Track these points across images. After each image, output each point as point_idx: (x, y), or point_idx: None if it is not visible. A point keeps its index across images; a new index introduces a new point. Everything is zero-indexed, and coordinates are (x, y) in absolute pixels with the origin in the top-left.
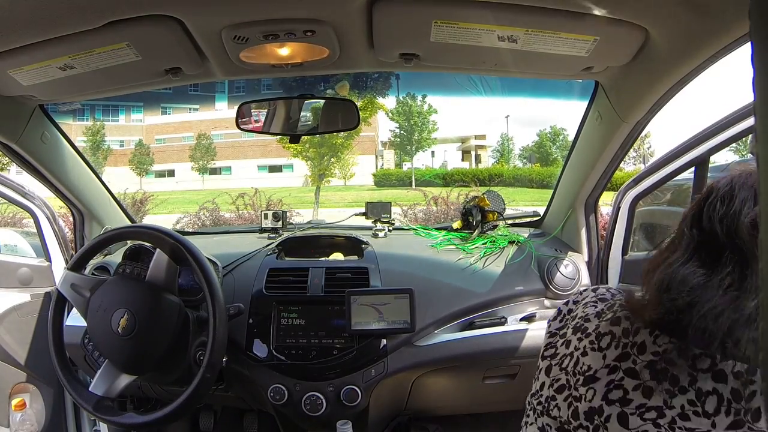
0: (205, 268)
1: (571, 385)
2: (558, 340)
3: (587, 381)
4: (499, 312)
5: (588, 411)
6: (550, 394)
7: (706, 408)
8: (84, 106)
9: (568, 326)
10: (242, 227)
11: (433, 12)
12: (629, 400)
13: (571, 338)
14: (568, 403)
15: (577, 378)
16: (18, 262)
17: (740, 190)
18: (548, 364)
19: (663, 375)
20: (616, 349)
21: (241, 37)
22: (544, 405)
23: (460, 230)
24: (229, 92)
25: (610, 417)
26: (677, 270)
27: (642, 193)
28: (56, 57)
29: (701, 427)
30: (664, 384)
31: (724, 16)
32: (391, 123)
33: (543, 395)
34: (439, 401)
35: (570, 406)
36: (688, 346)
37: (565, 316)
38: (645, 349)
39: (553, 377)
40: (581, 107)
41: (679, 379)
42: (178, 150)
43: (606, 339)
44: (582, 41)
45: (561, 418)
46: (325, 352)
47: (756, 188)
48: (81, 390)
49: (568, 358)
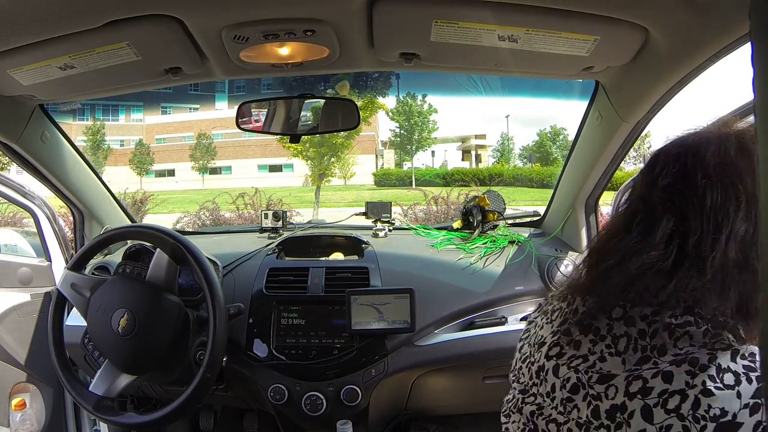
0: (206, 268)
1: (531, 353)
2: (531, 325)
3: (539, 347)
4: (500, 312)
5: (537, 370)
6: (518, 365)
7: (618, 348)
8: (84, 106)
9: (541, 312)
10: (242, 227)
11: (433, 12)
12: (563, 354)
13: (537, 320)
14: (528, 368)
15: (534, 345)
16: (18, 261)
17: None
18: (521, 344)
19: (588, 328)
20: (559, 318)
21: (241, 36)
22: (516, 375)
23: (461, 230)
24: (229, 92)
25: (547, 370)
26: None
27: None
28: (56, 57)
29: (614, 366)
30: (589, 335)
31: (724, 16)
32: (392, 122)
33: (515, 369)
34: (439, 401)
35: (529, 370)
36: (608, 301)
37: (541, 306)
38: (577, 312)
39: (522, 353)
40: (581, 107)
41: (600, 329)
42: (178, 150)
43: (555, 313)
44: (582, 41)
45: (525, 383)
46: (326, 352)
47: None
48: (81, 390)
49: (534, 336)
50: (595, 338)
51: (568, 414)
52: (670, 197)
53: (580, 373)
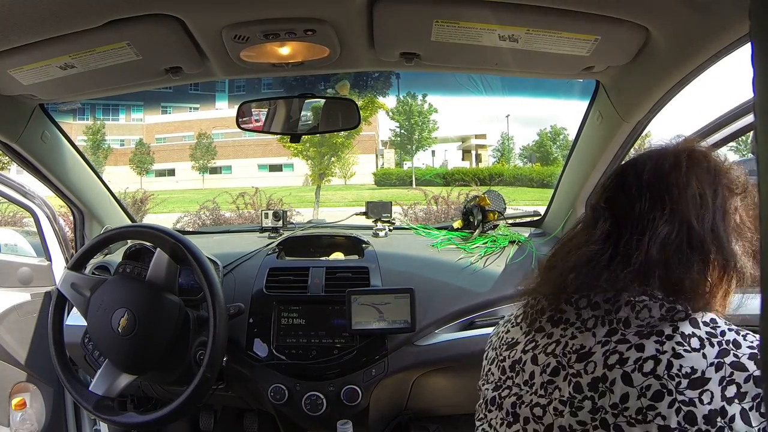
0: (206, 268)
1: (498, 354)
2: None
3: (510, 347)
4: (500, 312)
5: (511, 364)
6: (486, 369)
7: (587, 326)
8: (84, 106)
9: (504, 322)
10: (242, 227)
11: (433, 11)
12: (538, 345)
13: (500, 329)
14: (497, 366)
15: (502, 346)
16: (18, 261)
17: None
18: (487, 351)
19: (559, 321)
20: (527, 319)
21: (242, 36)
22: (485, 378)
23: (461, 230)
24: (230, 91)
25: (525, 362)
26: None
27: None
28: (56, 56)
29: (586, 339)
30: (561, 325)
31: (725, 16)
32: (392, 122)
33: (483, 374)
34: (439, 401)
35: (499, 368)
36: (559, 288)
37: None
38: (544, 310)
39: (488, 358)
40: (582, 107)
41: (569, 318)
42: (178, 149)
43: (521, 317)
44: (583, 41)
45: (496, 380)
46: (326, 352)
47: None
48: (81, 389)
49: (500, 340)
50: (566, 326)
51: (549, 395)
52: (611, 205)
53: (559, 357)
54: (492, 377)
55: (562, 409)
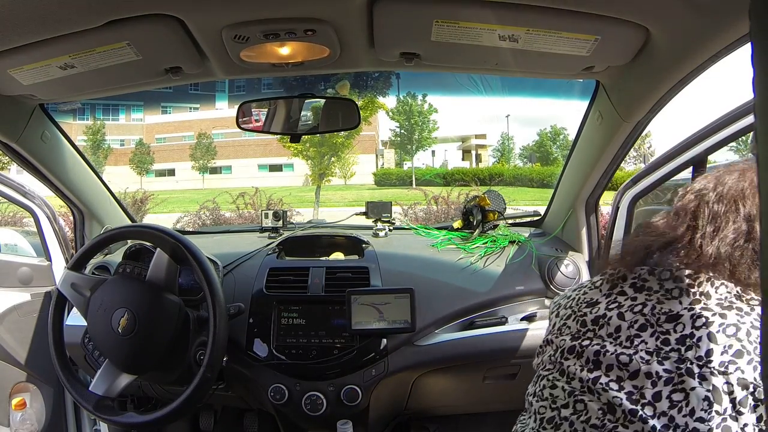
0: (206, 268)
1: (577, 310)
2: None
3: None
4: (500, 312)
5: (594, 318)
6: (557, 327)
7: (672, 294)
8: (84, 105)
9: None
10: (242, 227)
11: (433, 11)
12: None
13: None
14: (575, 320)
15: (581, 305)
16: (18, 261)
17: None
18: (556, 311)
19: (641, 288)
20: (608, 283)
21: (242, 36)
22: (557, 333)
23: (461, 230)
24: (230, 91)
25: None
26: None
27: (640, 193)
28: (56, 56)
29: (674, 306)
30: (644, 292)
31: (725, 16)
32: (392, 122)
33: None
34: (439, 401)
35: (577, 322)
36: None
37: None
38: (626, 277)
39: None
40: (582, 107)
41: (652, 287)
42: (178, 149)
43: (600, 282)
44: (583, 41)
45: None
46: (326, 352)
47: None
48: (81, 389)
49: (569, 300)
50: (650, 293)
51: (635, 347)
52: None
53: (648, 316)
54: (568, 330)
55: (648, 358)
